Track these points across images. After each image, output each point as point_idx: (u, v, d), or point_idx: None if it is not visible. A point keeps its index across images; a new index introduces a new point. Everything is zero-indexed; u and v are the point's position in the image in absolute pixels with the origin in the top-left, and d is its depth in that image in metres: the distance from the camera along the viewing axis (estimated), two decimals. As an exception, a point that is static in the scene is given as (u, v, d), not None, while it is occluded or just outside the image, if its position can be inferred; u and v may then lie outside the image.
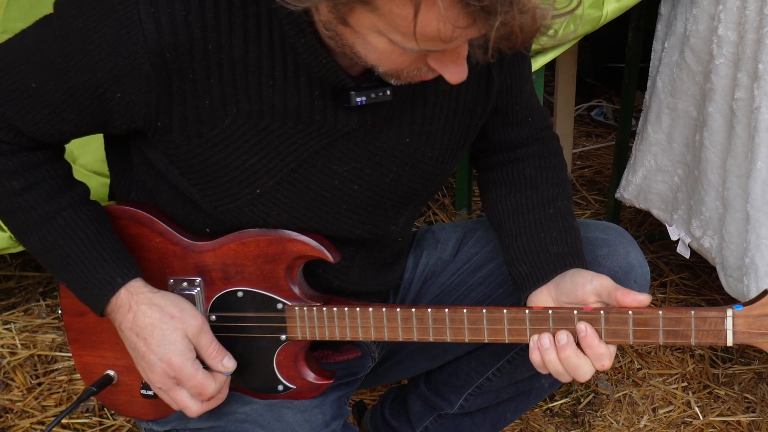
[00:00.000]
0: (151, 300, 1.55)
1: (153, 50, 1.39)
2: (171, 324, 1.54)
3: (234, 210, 1.56)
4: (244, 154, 1.50)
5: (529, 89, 1.78)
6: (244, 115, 1.47)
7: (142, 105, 1.44)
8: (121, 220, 1.65)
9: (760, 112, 2.22)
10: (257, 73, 1.45)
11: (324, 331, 1.62)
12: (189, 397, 1.57)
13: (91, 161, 2.45)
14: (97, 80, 1.42)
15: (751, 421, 2.46)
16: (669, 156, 2.65)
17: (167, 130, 1.48)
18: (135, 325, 1.54)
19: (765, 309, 1.45)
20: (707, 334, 1.47)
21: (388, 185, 1.62)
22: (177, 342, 1.54)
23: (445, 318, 1.56)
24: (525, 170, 1.78)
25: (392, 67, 1.37)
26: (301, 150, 1.52)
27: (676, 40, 2.56)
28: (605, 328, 1.50)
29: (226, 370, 1.57)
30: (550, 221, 1.70)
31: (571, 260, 1.63)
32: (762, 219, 2.25)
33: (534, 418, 2.47)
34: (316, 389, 1.68)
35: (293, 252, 1.59)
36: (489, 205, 1.81)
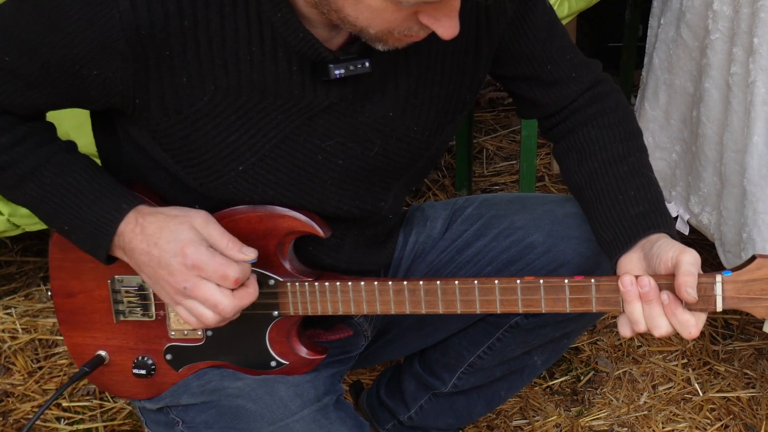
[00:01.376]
0: (155, 210, 1.53)
1: (128, 27, 1.39)
2: (176, 220, 1.50)
3: (219, 187, 1.56)
4: (224, 131, 1.50)
5: (560, 44, 1.73)
6: (222, 91, 1.47)
7: (119, 82, 1.44)
8: None
9: (756, 86, 2.22)
10: (234, 49, 1.45)
11: (316, 306, 1.62)
12: (216, 289, 1.49)
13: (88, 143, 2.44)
14: (73, 57, 1.42)
15: (751, 396, 2.46)
16: (667, 133, 2.64)
17: (145, 107, 1.47)
18: (144, 236, 1.50)
19: (753, 274, 1.47)
20: (698, 300, 1.48)
21: (374, 159, 1.62)
22: (185, 233, 1.49)
23: (437, 290, 1.56)
24: (590, 132, 1.74)
25: (383, 26, 1.36)
26: (282, 125, 1.52)
27: (672, 16, 2.55)
28: (596, 297, 1.51)
29: (247, 258, 1.51)
30: (626, 180, 1.66)
31: (653, 219, 1.59)
32: (759, 194, 2.25)
33: (534, 396, 2.47)
34: (308, 364, 1.68)
35: (284, 228, 1.59)
36: (566, 175, 1.77)
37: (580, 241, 1.78)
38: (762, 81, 2.20)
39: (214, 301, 1.49)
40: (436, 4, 1.31)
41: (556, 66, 1.73)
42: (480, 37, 1.62)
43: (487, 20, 1.61)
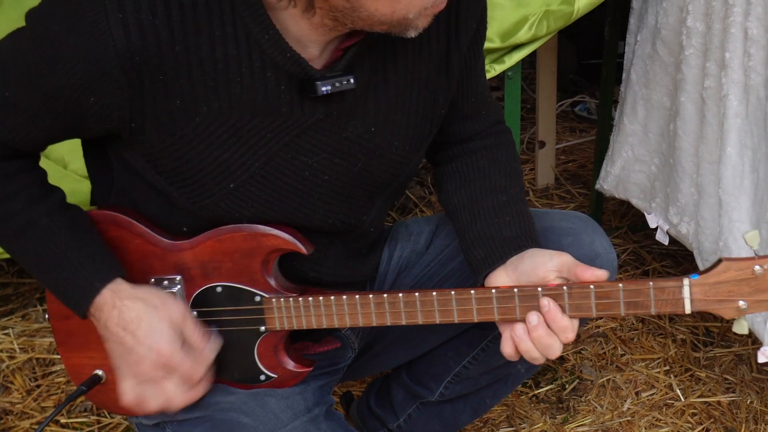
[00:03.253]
0: (134, 294, 1.60)
1: (123, 54, 1.45)
2: (156, 314, 1.59)
3: (210, 205, 1.62)
4: (216, 150, 1.57)
5: (483, 82, 1.84)
6: (214, 112, 1.54)
7: (116, 108, 1.50)
8: (101, 224, 1.70)
9: (728, 99, 2.29)
10: (225, 71, 1.51)
11: (301, 321, 1.68)
12: (175, 386, 1.61)
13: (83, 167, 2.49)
14: (71, 86, 1.48)
15: (731, 401, 2.52)
16: (645, 146, 2.72)
17: (141, 130, 1.54)
18: (121, 320, 1.59)
19: (720, 277, 1.52)
20: (666, 304, 1.54)
21: (358, 175, 1.68)
22: (165, 330, 1.59)
23: (416, 302, 1.62)
24: (478, 162, 1.84)
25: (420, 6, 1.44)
26: (272, 143, 1.58)
27: (648, 32, 2.63)
28: (569, 303, 1.56)
29: (213, 353, 1.63)
30: (503, 207, 1.76)
31: (524, 242, 1.69)
32: (733, 203, 2.32)
33: (520, 405, 2.54)
34: (296, 377, 1.75)
35: (268, 246, 1.66)
36: (445, 197, 1.87)
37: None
38: (734, 94, 2.27)
39: (169, 395, 1.62)
40: None
41: (477, 101, 1.84)
42: (450, 55, 1.69)
43: (457, 40, 1.69)
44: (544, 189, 3.55)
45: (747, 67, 2.23)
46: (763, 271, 1.50)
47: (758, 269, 1.50)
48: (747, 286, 1.52)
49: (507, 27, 2.52)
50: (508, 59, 2.58)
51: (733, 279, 1.52)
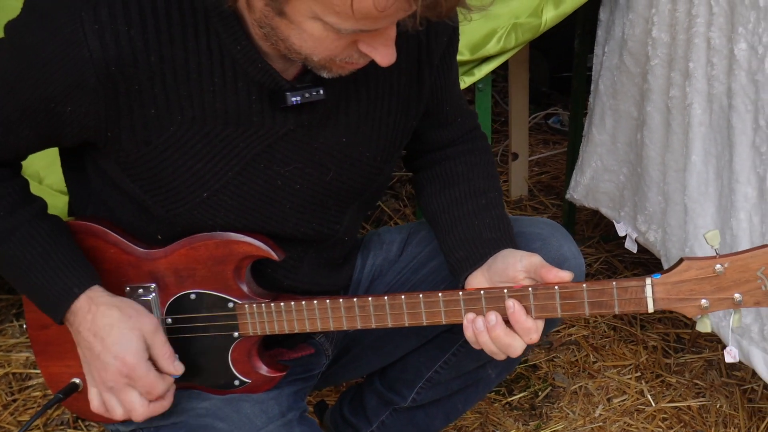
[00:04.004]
0: (110, 302, 1.63)
1: (98, 65, 1.48)
2: (129, 324, 1.61)
3: (184, 213, 1.64)
4: (190, 160, 1.59)
5: (458, 91, 1.89)
6: (188, 121, 1.57)
7: (92, 117, 1.53)
8: (78, 235, 1.72)
9: (693, 108, 2.33)
10: (198, 81, 1.54)
11: (273, 326, 1.71)
12: (137, 397, 1.63)
13: (58, 181, 2.54)
14: (48, 95, 1.51)
15: (701, 405, 2.56)
16: (614, 156, 2.76)
17: (117, 139, 1.56)
18: (93, 326, 1.61)
19: (681, 276, 1.54)
20: (629, 303, 1.57)
21: (329, 184, 1.71)
22: (133, 341, 1.61)
23: (385, 305, 1.65)
24: (457, 167, 1.88)
25: (326, 54, 1.46)
26: (244, 153, 1.61)
27: (615, 44, 2.68)
28: (534, 304, 1.59)
29: (176, 373, 1.65)
30: (483, 210, 1.80)
31: (503, 243, 1.73)
32: (698, 210, 2.36)
33: (493, 412, 2.56)
34: (270, 382, 1.77)
35: (240, 253, 1.68)
36: (425, 202, 1.91)
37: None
38: (698, 103, 2.32)
39: (131, 406, 1.64)
40: (372, 32, 1.42)
41: (452, 109, 1.88)
42: (422, 68, 1.73)
43: (428, 53, 1.72)
44: (518, 200, 3.59)
45: (710, 76, 2.27)
46: (724, 270, 1.53)
47: (719, 268, 1.53)
48: (708, 285, 1.54)
49: (476, 39, 2.56)
50: (477, 71, 2.62)
51: (694, 278, 1.54)
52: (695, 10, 2.28)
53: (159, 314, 1.73)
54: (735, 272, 1.53)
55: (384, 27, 1.41)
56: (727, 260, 1.53)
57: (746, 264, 1.53)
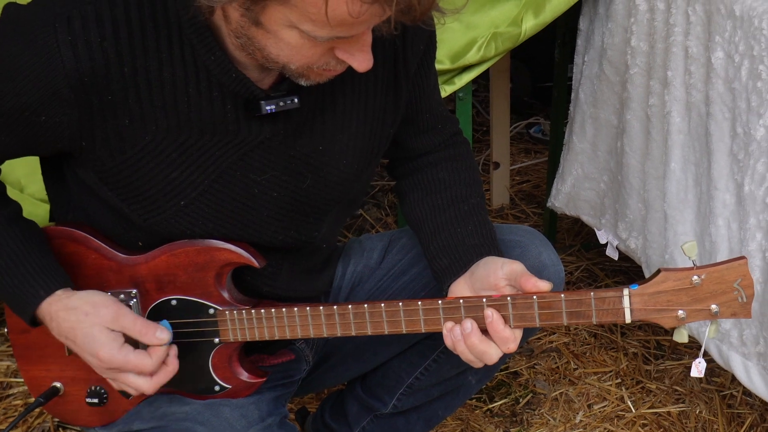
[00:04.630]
0: (67, 305, 1.63)
1: (71, 75, 1.49)
2: (88, 321, 1.61)
3: (162, 222, 1.65)
4: (166, 168, 1.60)
5: (437, 98, 1.90)
6: (162, 131, 1.57)
7: (66, 126, 1.54)
8: (58, 240, 1.73)
9: (671, 116, 2.36)
10: (173, 91, 1.55)
11: (254, 332, 1.72)
12: (136, 377, 1.63)
13: (39, 190, 2.54)
14: (22, 105, 1.51)
15: (681, 411, 2.58)
16: (594, 164, 2.78)
17: (91, 149, 1.57)
18: (60, 330, 1.63)
19: (659, 287, 1.55)
20: (607, 313, 1.58)
21: (306, 192, 1.72)
22: (98, 336, 1.60)
23: (365, 313, 1.66)
24: (439, 173, 1.90)
25: (303, 62, 1.47)
26: (220, 161, 1.62)
27: (594, 53, 2.70)
28: (513, 313, 1.60)
29: (161, 342, 1.63)
30: (466, 217, 1.82)
31: (486, 250, 1.74)
32: (678, 217, 2.38)
33: (474, 419, 2.57)
34: (250, 387, 1.78)
35: (220, 259, 1.69)
36: (408, 209, 1.92)
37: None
38: (677, 111, 2.34)
39: (136, 386, 1.64)
40: (349, 39, 1.43)
41: (432, 116, 1.89)
42: (398, 76, 1.74)
43: (404, 61, 1.73)
44: (499, 209, 3.61)
45: (688, 84, 2.30)
46: (701, 281, 1.54)
47: (696, 279, 1.54)
48: (686, 296, 1.56)
49: (456, 49, 2.58)
50: (458, 80, 2.63)
51: (672, 289, 1.56)
52: (673, 19, 2.30)
53: None
54: (712, 283, 1.54)
55: (360, 33, 1.42)
56: (704, 272, 1.54)
57: (723, 275, 1.54)
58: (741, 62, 2.09)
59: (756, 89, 2.06)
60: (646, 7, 2.41)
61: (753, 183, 2.10)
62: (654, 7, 2.37)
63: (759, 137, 2.07)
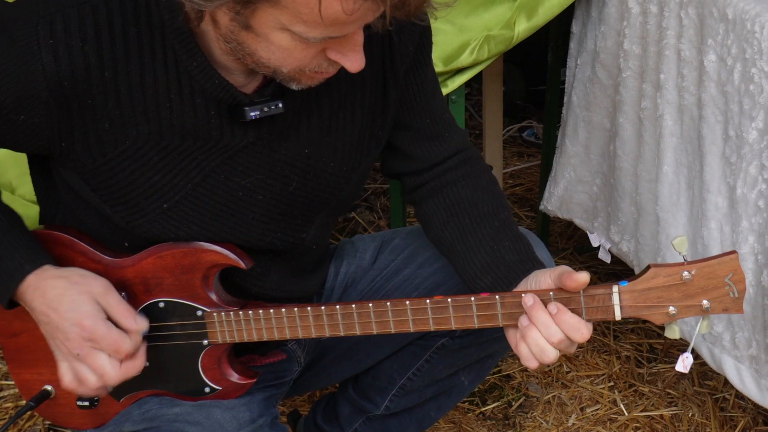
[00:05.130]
0: (57, 274, 1.62)
1: (51, 78, 1.49)
2: (76, 289, 1.60)
3: (145, 224, 1.65)
4: (147, 172, 1.60)
5: (439, 105, 1.85)
6: (144, 136, 1.57)
7: (44, 127, 1.54)
8: (45, 243, 1.72)
9: (664, 119, 2.36)
10: (154, 97, 1.55)
11: (243, 334, 1.71)
12: (107, 360, 1.61)
13: (30, 191, 2.52)
14: (2, 103, 1.51)
15: (673, 414, 2.58)
16: (587, 167, 2.78)
17: (71, 150, 1.57)
18: (44, 299, 1.61)
19: (648, 283, 1.54)
20: (597, 311, 1.56)
21: (293, 194, 1.71)
22: (85, 304, 1.60)
23: (353, 313, 1.66)
24: (460, 192, 1.83)
25: (295, 65, 1.46)
26: (203, 165, 1.62)
27: (587, 56, 2.70)
28: (501, 312, 1.60)
29: (139, 328, 1.62)
30: (499, 232, 1.76)
31: (529, 265, 1.69)
32: (670, 220, 2.38)
33: (467, 422, 2.57)
34: (240, 389, 1.77)
35: (207, 261, 1.69)
36: (435, 234, 1.86)
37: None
38: (669, 114, 2.34)
39: (102, 370, 1.62)
40: (341, 39, 1.42)
41: (434, 121, 1.84)
42: (386, 79, 1.73)
43: (392, 63, 1.72)
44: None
45: (681, 87, 2.30)
46: (692, 277, 1.53)
47: (686, 275, 1.53)
48: (676, 292, 1.55)
49: (449, 52, 2.57)
50: (450, 83, 2.63)
51: (662, 285, 1.54)
52: (666, 22, 2.30)
53: None
54: (703, 279, 1.53)
55: (351, 32, 1.42)
56: (695, 267, 1.53)
57: (714, 270, 1.53)
58: (733, 65, 2.09)
59: (748, 92, 2.06)
60: (638, 11, 2.41)
61: (745, 186, 2.10)
62: (647, 10, 2.37)
63: (751, 140, 2.07)
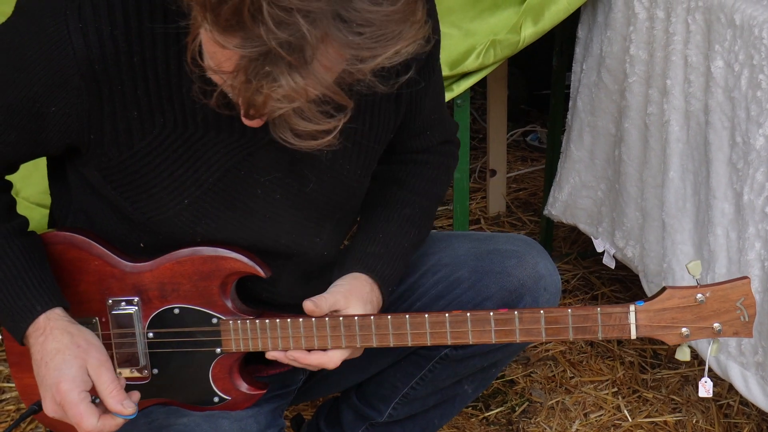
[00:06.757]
0: (66, 327, 1.60)
1: (82, 62, 1.48)
2: (74, 352, 1.58)
3: (165, 221, 1.64)
4: (171, 165, 1.59)
5: (431, 104, 1.87)
6: (170, 125, 1.57)
7: (75, 118, 1.53)
8: (60, 246, 1.72)
9: (670, 124, 2.35)
10: (180, 85, 1.54)
11: (257, 343, 1.70)
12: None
13: (34, 194, 2.52)
14: (33, 95, 1.51)
15: (677, 420, 2.57)
16: (592, 172, 2.77)
17: (99, 142, 1.56)
18: (42, 349, 1.59)
19: (664, 304, 1.58)
20: (612, 329, 1.59)
21: (309, 195, 1.71)
22: (73, 369, 1.57)
23: (370, 325, 1.66)
24: (398, 173, 1.91)
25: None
26: (225, 159, 1.61)
27: (593, 61, 2.69)
28: (519, 328, 1.61)
29: (123, 412, 1.58)
30: (388, 222, 1.85)
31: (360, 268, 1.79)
32: (676, 225, 2.38)
33: (470, 427, 2.56)
34: (249, 399, 1.77)
35: (227, 269, 1.68)
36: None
37: (502, 275, 1.89)
38: (675, 119, 2.34)
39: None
40: None
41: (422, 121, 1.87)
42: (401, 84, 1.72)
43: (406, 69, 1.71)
44: (496, 217, 3.60)
45: (687, 93, 2.29)
46: (705, 299, 1.57)
47: (700, 297, 1.57)
48: (690, 314, 1.58)
49: (455, 56, 2.57)
50: (456, 87, 2.62)
51: (676, 306, 1.58)
52: (672, 27, 2.30)
53: (141, 328, 1.72)
54: (715, 302, 1.58)
55: None
56: (709, 290, 1.57)
57: (726, 294, 1.57)
58: (741, 71, 2.09)
59: (755, 98, 2.06)
60: (645, 16, 2.40)
61: (752, 192, 2.10)
62: (653, 15, 2.37)
63: (758, 146, 2.07)
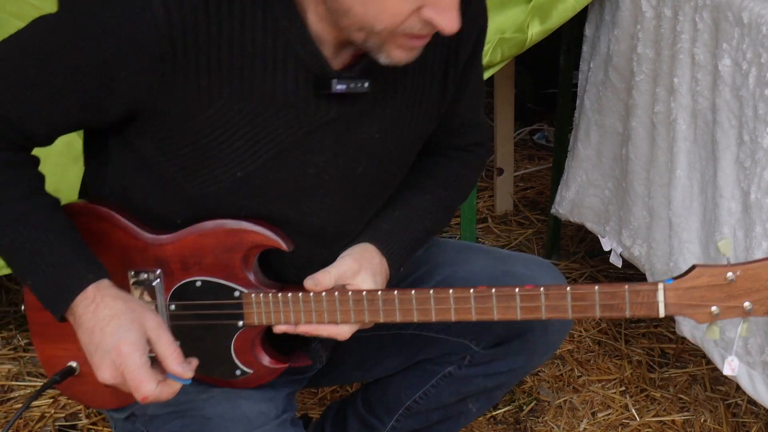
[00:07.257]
0: (116, 294, 1.58)
1: (161, 28, 1.47)
2: (130, 316, 1.56)
3: (215, 193, 1.63)
4: (232, 136, 1.59)
5: (468, 103, 1.86)
6: (235, 95, 1.56)
7: (145, 84, 1.52)
8: (84, 217, 1.70)
9: (677, 123, 2.35)
10: (250, 57, 1.54)
11: (279, 316, 1.69)
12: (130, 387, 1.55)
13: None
14: (104, 59, 1.49)
15: (685, 419, 2.57)
16: (599, 170, 2.77)
17: (164, 110, 1.55)
18: (95, 316, 1.56)
19: (693, 282, 1.54)
20: (641, 307, 1.56)
21: (357, 178, 1.71)
22: (132, 333, 1.54)
23: (394, 300, 1.64)
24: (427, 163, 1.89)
25: (389, 21, 1.45)
26: (283, 137, 1.61)
27: (600, 60, 2.69)
28: (545, 304, 1.59)
29: (184, 375, 1.56)
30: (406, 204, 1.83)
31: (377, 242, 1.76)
32: (683, 224, 2.37)
33: (478, 426, 2.56)
34: (271, 373, 1.76)
35: (249, 241, 1.67)
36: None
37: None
38: (683, 118, 2.34)
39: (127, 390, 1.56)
40: None
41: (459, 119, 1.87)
42: (447, 75, 1.74)
43: (456, 59, 1.73)
44: (503, 215, 3.60)
45: (695, 91, 2.29)
46: (736, 278, 1.53)
47: (731, 275, 1.53)
48: (720, 292, 1.54)
49: (462, 54, 2.57)
50: (463, 85, 2.62)
51: (706, 284, 1.54)
52: (680, 26, 2.30)
53: (163, 300, 1.72)
54: (746, 281, 1.53)
55: None
56: (739, 269, 1.53)
57: (757, 273, 1.53)
58: (748, 70, 2.09)
59: (763, 97, 2.05)
60: (652, 14, 2.40)
61: (759, 191, 2.10)
62: (661, 14, 2.36)
63: (766, 145, 2.06)
